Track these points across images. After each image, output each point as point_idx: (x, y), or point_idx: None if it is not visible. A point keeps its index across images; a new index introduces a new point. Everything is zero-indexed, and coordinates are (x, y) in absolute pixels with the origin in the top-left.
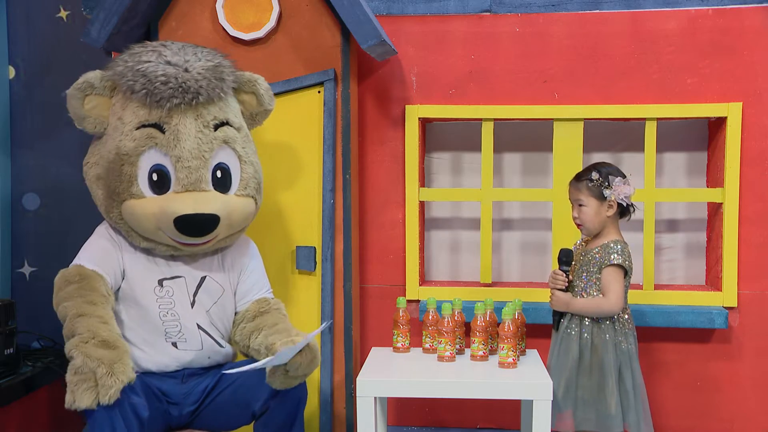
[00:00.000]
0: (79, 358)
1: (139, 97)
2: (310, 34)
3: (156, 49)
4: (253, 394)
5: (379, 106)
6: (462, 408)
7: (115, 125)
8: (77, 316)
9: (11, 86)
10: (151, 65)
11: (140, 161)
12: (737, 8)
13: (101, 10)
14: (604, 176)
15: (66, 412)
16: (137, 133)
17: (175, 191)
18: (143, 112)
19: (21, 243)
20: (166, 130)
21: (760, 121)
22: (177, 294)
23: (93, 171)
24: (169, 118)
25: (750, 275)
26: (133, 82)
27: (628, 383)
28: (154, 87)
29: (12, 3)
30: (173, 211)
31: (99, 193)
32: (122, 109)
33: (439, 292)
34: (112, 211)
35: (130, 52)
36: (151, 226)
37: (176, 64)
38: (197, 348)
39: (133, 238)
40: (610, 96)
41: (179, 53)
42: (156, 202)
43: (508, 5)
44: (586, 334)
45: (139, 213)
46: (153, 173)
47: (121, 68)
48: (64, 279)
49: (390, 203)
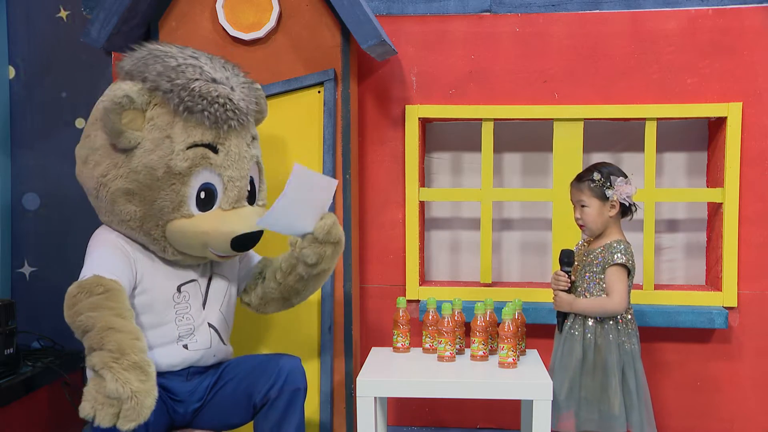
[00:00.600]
0: (112, 382)
1: (196, 117)
2: (310, 34)
3: (195, 64)
4: (254, 386)
5: (379, 106)
6: (462, 408)
7: (158, 142)
8: (107, 328)
9: (11, 86)
10: (202, 84)
11: (192, 181)
12: (737, 8)
13: (101, 10)
14: (606, 176)
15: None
16: (190, 153)
17: (222, 209)
18: (197, 132)
19: (21, 243)
20: (220, 151)
21: (760, 121)
22: (192, 298)
23: (118, 184)
24: (223, 139)
25: (750, 275)
26: (192, 104)
27: (632, 383)
28: (214, 109)
29: (12, 3)
30: (231, 230)
31: (129, 208)
32: (168, 126)
33: (439, 292)
34: (152, 229)
35: (164, 63)
36: (199, 243)
37: (221, 82)
38: (206, 347)
39: (164, 251)
40: (610, 96)
41: (216, 67)
42: (206, 221)
43: (508, 5)
44: (590, 334)
45: (189, 232)
46: (201, 191)
47: (165, 84)
48: (83, 289)
49: (390, 203)
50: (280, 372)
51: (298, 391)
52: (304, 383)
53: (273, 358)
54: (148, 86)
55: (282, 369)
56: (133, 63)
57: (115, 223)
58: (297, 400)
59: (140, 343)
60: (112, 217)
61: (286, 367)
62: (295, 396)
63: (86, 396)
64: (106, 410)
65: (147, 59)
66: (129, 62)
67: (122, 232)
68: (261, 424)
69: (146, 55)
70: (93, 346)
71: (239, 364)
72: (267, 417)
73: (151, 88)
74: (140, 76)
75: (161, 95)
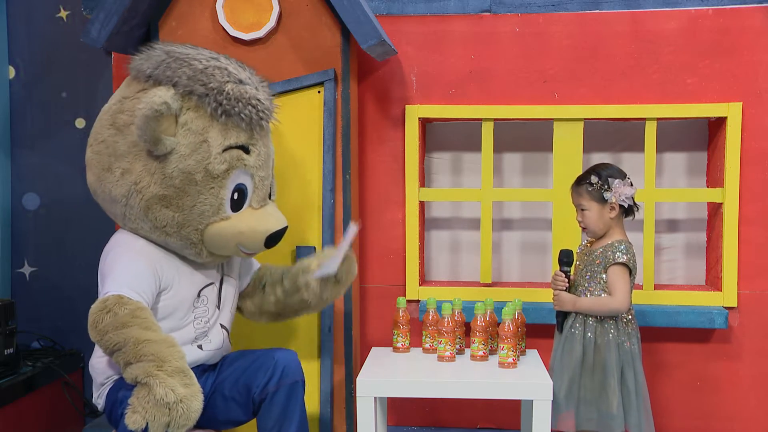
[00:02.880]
0: (160, 388)
1: (233, 120)
2: (310, 34)
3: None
4: (252, 381)
5: (379, 106)
6: (462, 408)
7: (194, 146)
8: (141, 341)
9: (11, 86)
10: (233, 87)
11: (228, 183)
12: (737, 8)
13: (101, 10)
14: (604, 179)
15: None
16: (227, 155)
17: (252, 208)
18: (233, 134)
19: (21, 243)
20: (252, 152)
21: (760, 121)
22: (210, 301)
23: (153, 191)
24: (255, 139)
25: (750, 275)
26: (230, 107)
27: (631, 383)
28: (248, 111)
29: (12, 3)
30: (266, 229)
31: (166, 214)
32: (204, 130)
33: (439, 292)
34: (191, 233)
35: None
36: (234, 243)
37: (247, 82)
38: (218, 347)
39: (200, 254)
40: (610, 96)
41: (236, 67)
42: (242, 221)
43: (508, 5)
44: (590, 333)
45: (227, 234)
46: (234, 192)
47: (200, 89)
48: (106, 308)
49: (390, 203)
50: (276, 366)
51: (297, 383)
52: (301, 375)
53: (268, 353)
54: (181, 91)
55: (278, 363)
56: (155, 66)
57: (146, 229)
58: (296, 392)
59: (178, 349)
60: (142, 224)
61: (282, 360)
62: (293, 389)
63: (135, 408)
64: (158, 419)
65: (170, 63)
66: (148, 65)
67: (152, 239)
68: (264, 421)
69: (166, 58)
70: (129, 360)
71: (235, 360)
72: (269, 412)
73: (184, 93)
74: (169, 80)
75: (196, 99)
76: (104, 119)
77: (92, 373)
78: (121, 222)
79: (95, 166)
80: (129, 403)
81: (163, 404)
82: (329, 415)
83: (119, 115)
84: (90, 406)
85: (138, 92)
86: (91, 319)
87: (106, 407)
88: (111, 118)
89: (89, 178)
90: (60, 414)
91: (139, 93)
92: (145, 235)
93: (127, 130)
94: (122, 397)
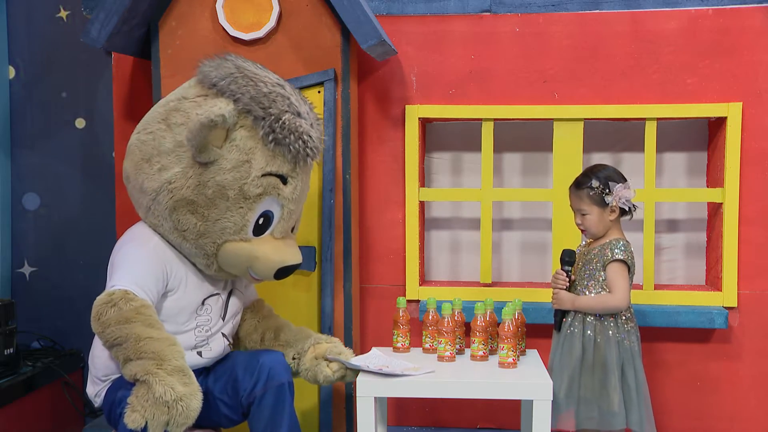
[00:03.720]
0: (159, 386)
1: (281, 149)
2: (310, 34)
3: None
4: (239, 384)
5: (379, 106)
6: (462, 408)
7: (236, 163)
8: (143, 338)
9: (11, 86)
10: (290, 118)
11: (258, 207)
12: (737, 8)
13: (101, 10)
14: (604, 183)
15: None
16: (263, 181)
17: (274, 237)
18: (276, 162)
19: (21, 243)
20: (290, 184)
21: (760, 121)
22: (213, 311)
23: (183, 194)
24: (296, 173)
25: (750, 275)
26: (282, 137)
27: (631, 381)
28: (298, 145)
29: (12, 3)
30: (281, 260)
31: (190, 219)
32: (251, 151)
33: (439, 292)
34: (207, 245)
35: (256, 88)
36: (245, 266)
37: (304, 117)
38: (218, 355)
39: (209, 266)
40: (610, 96)
41: (299, 100)
42: (260, 246)
43: (508, 5)
44: (589, 331)
45: (243, 255)
46: (260, 218)
47: (259, 111)
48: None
49: (390, 203)
50: (261, 369)
51: (283, 386)
52: (288, 377)
53: (254, 355)
54: (240, 108)
55: (263, 366)
56: (223, 78)
57: (166, 229)
58: (283, 395)
59: (178, 348)
60: (164, 222)
61: (268, 363)
62: (280, 391)
63: (134, 406)
64: (158, 417)
65: (237, 78)
66: (216, 75)
67: (169, 239)
68: (254, 423)
69: (236, 72)
70: (129, 357)
71: (224, 362)
72: (258, 415)
73: (242, 111)
74: (232, 95)
75: (252, 120)
76: (158, 112)
77: (91, 365)
78: (144, 214)
79: (136, 154)
80: (128, 402)
81: (162, 402)
82: (329, 415)
83: (174, 113)
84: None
85: (198, 96)
86: (95, 311)
87: (104, 407)
88: (165, 113)
89: (126, 164)
90: (60, 414)
91: (199, 98)
92: (163, 234)
93: (177, 129)
94: (121, 397)
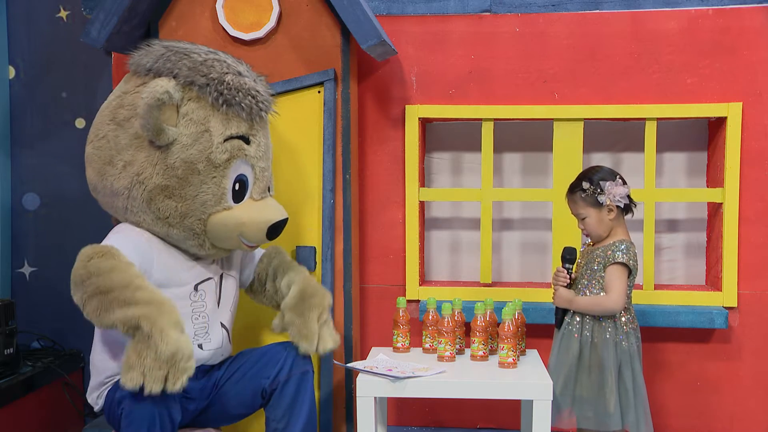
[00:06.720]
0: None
1: (234, 110)
2: (310, 34)
3: (218, 58)
4: (262, 373)
5: (379, 106)
6: (462, 408)
7: (196, 136)
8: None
9: (11, 86)
10: (233, 78)
11: (230, 173)
12: (737, 8)
13: (101, 10)
14: (595, 183)
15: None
16: (228, 145)
17: (253, 199)
18: (234, 124)
19: (21, 243)
20: (252, 142)
21: (760, 121)
22: (208, 297)
23: (155, 181)
24: (255, 130)
25: (750, 275)
26: (230, 97)
27: (628, 382)
28: (248, 101)
29: (12, 3)
30: (267, 219)
31: (169, 204)
32: (205, 120)
33: (439, 292)
34: (194, 224)
35: (191, 59)
36: (235, 235)
37: (245, 75)
38: (218, 346)
39: (202, 245)
40: (610, 96)
41: (234, 61)
42: (243, 211)
43: (508, 5)
44: (587, 331)
45: (230, 224)
46: (236, 183)
47: (201, 79)
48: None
49: (390, 203)
50: (287, 357)
51: (307, 373)
52: (311, 366)
53: (277, 346)
54: (182, 82)
55: (289, 354)
56: (155, 60)
57: (149, 221)
58: (306, 382)
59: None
60: (144, 216)
61: (293, 351)
62: (304, 378)
63: (130, 364)
64: (155, 373)
65: (169, 56)
66: (148, 59)
67: (154, 231)
68: (273, 410)
69: (166, 52)
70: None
71: (243, 356)
72: (279, 401)
73: (185, 84)
74: (169, 72)
75: (197, 90)
76: (104, 115)
77: (92, 369)
78: (123, 216)
79: (96, 162)
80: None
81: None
82: (329, 415)
83: (119, 110)
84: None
85: (138, 86)
86: (81, 258)
87: (104, 407)
88: (111, 114)
89: (89, 174)
90: (60, 414)
91: (140, 87)
92: (147, 228)
93: (128, 124)
94: (121, 397)
